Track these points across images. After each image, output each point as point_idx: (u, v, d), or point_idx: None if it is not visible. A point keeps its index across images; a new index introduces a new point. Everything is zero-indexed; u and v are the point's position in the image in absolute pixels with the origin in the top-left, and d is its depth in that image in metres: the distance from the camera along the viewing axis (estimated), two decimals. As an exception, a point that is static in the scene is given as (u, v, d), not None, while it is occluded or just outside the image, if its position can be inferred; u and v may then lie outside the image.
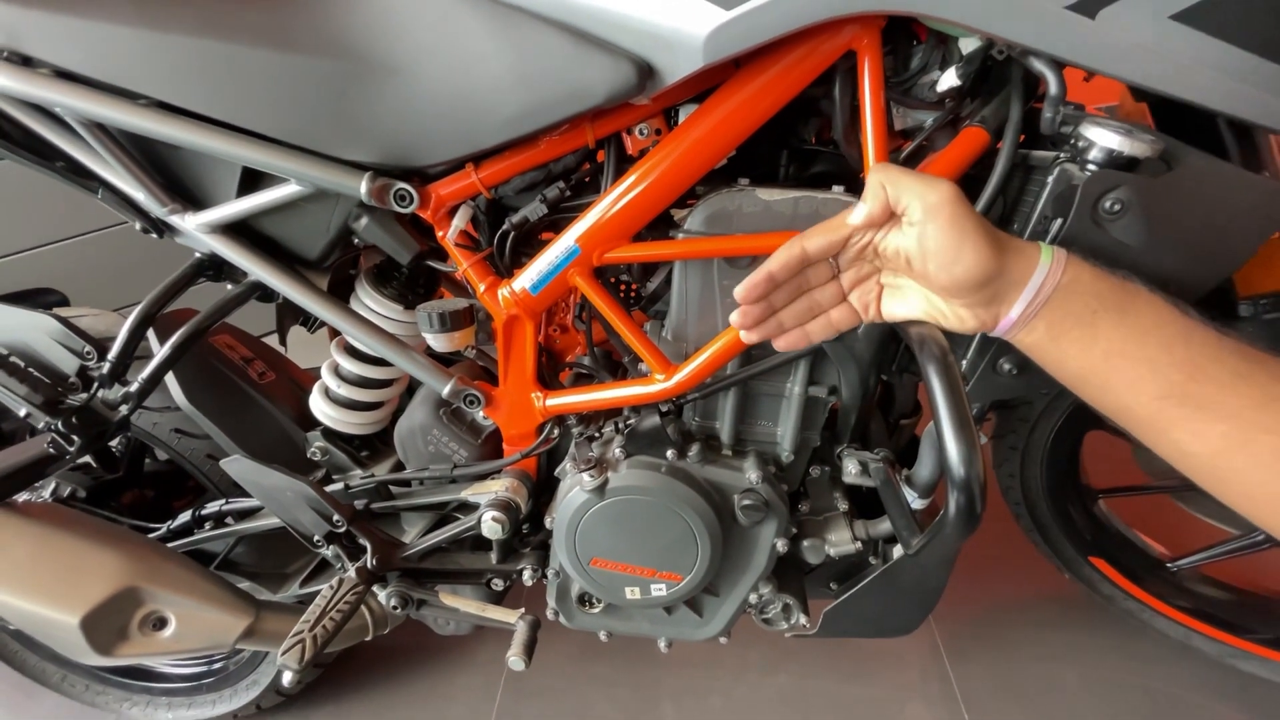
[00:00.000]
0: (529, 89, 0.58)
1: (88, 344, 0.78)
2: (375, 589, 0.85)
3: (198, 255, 0.76)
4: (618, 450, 0.72)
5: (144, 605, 0.78)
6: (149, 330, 0.77)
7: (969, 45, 0.56)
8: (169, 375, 0.80)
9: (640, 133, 0.65)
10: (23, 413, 0.75)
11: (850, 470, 0.74)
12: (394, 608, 0.86)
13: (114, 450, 0.93)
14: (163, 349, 0.74)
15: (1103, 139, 0.53)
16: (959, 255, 0.48)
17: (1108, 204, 0.55)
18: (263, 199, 0.67)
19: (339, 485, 0.85)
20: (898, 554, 0.72)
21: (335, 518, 0.78)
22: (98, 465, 0.86)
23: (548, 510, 0.77)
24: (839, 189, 0.62)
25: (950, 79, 0.58)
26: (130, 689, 1.11)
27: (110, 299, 1.02)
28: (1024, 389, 0.68)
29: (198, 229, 0.69)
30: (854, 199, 0.62)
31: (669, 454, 0.71)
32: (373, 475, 0.85)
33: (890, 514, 0.71)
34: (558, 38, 0.55)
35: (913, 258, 0.50)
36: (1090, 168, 0.55)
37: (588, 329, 0.77)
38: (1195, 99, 0.51)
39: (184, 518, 0.91)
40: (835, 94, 0.60)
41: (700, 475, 0.72)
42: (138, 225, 0.73)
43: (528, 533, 0.85)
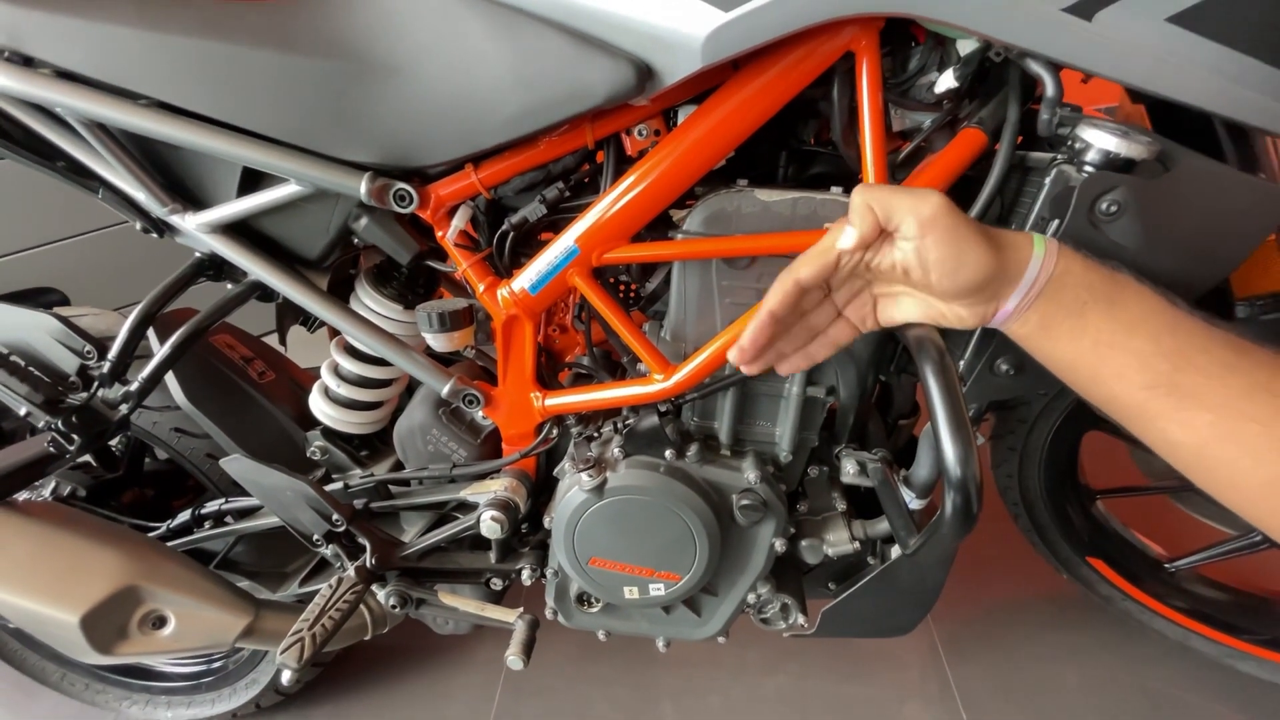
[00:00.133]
0: (528, 89, 0.58)
1: (88, 343, 0.78)
2: (374, 588, 0.85)
3: (198, 255, 0.76)
4: (616, 450, 0.72)
5: (143, 604, 0.78)
6: (149, 330, 0.77)
7: (967, 47, 0.57)
8: (169, 374, 0.80)
9: (639, 133, 0.65)
10: (23, 411, 0.75)
11: (848, 470, 0.74)
12: (393, 607, 0.86)
13: (114, 449, 0.94)
14: (163, 348, 0.74)
15: (1100, 140, 0.54)
16: (960, 263, 0.48)
17: (1104, 205, 0.55)
18: (263, 199, 0.67)
19: (338, 484, 0.85)
20: (896, 554, 0.72)
21: (334, 517, 0.78)
22: (98, 464, 0.87)
23: (546, 510, 0.77)
24: (837, 190, 0.62)
25: (948, 80, 0.58)
26: (130, 688, 1.11)
27: (110, 298, 1.02)
28: (1021, 389, 0.68)
29: (198, 229, 0.69)
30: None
31: (667, 454, 0.71)
32: (372, 475, 0.86)
33: (888, 514, 0.71)
34: (557, 38, 0.56)
35: (911, 270, 0.50)
36: (1087, 169, 0.55)
37: (587, 329, 0.77)
38: (1192, 101, 0.51)
39: (183, 517, 0.91)
40: (834, 95, 0.60)
41: (699, 475, 0.72)
42: (138, 225, 0.73)
43: (526, 532, 0.85)
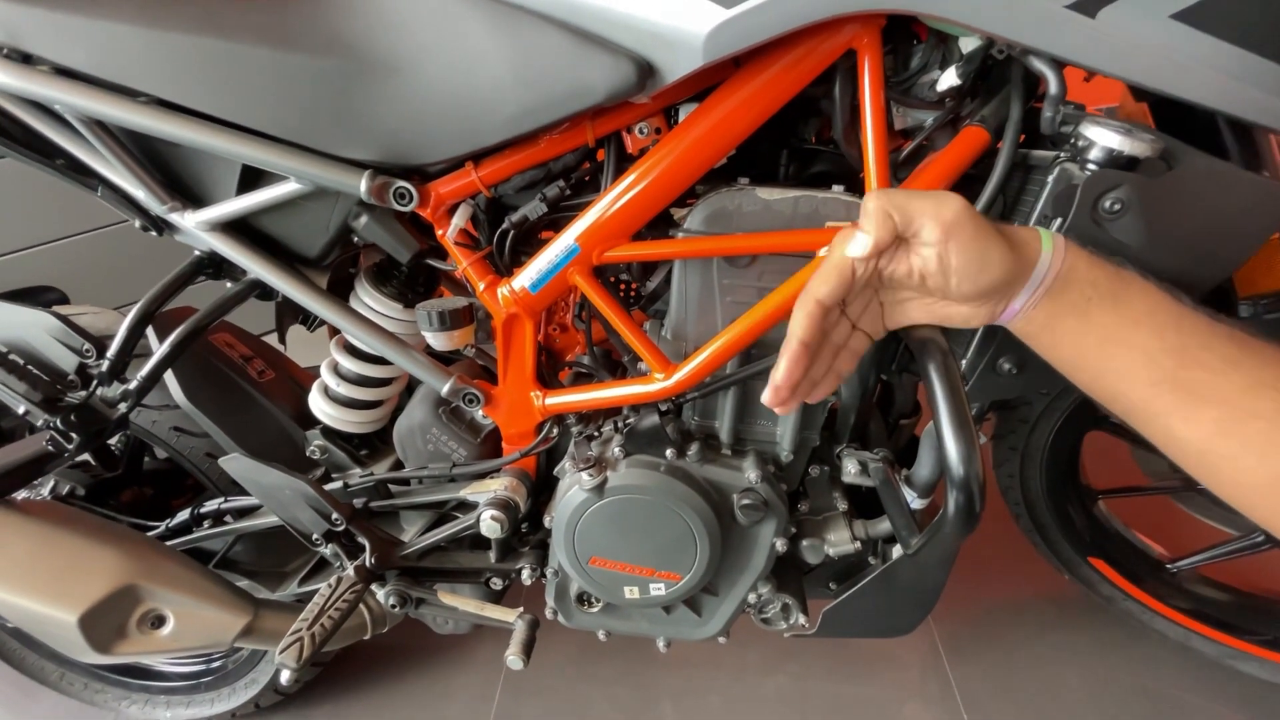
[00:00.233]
0: (529, 87, 0.58)
1: (87, 342, 0.78)
2: (374, 587, 0.85)
3: (197, 253, 0.76)
4: (617, 449, 0.72)
5: (142, 603, 0.78)
6: (148, 328, 0.77)
7: (969, 44, 0.56)
8: (168, 373, 0.80)
9: (640, 131, 0.65)
10: (21, 410, 0.75)
11: (850, 470, 0.73)
12: (392, 606, 0.86)
13: (113, 448, 0.93)
14: (162, 347, 0.74)
15: (1103, 138, 0.53)
16: (985, 265, 0.47)
17: (1107, 204, 0.55)
18: (262, 197, 0.67)
19: (338, 484, 0.85)
20: (897, 554, 0.72)
21: (334, 516, 0.78)
22: (96, 463, 0.86)
23: (547, 509, 0.77)
24: (839, 188, 0.62)
25: (950, 78, 0.58)
26: (129, 687, 1.11)
27: (110, 297, 1.02)
28: (1023, 389, 0.68)
29: (197, 227, 0.69)
30: (854, 198, 0.62)
31: (668, 453, 0.71)
32: (372, 474, 0.85)
33: (889, 514, 0.71)
34: (558, 36, 0.55)
35: (931, 275, 0.49)
36: (1090, 167, 0.55)
37: (587, 328, 0.77)
38: (1195, 98, 0.51)
39: (183, 516, 0.91)
40: (835, 93, 0.60)
41: (699, 474, 0.72)
42: (137, 223, 0.73)
43: (526, 532, 0.85)
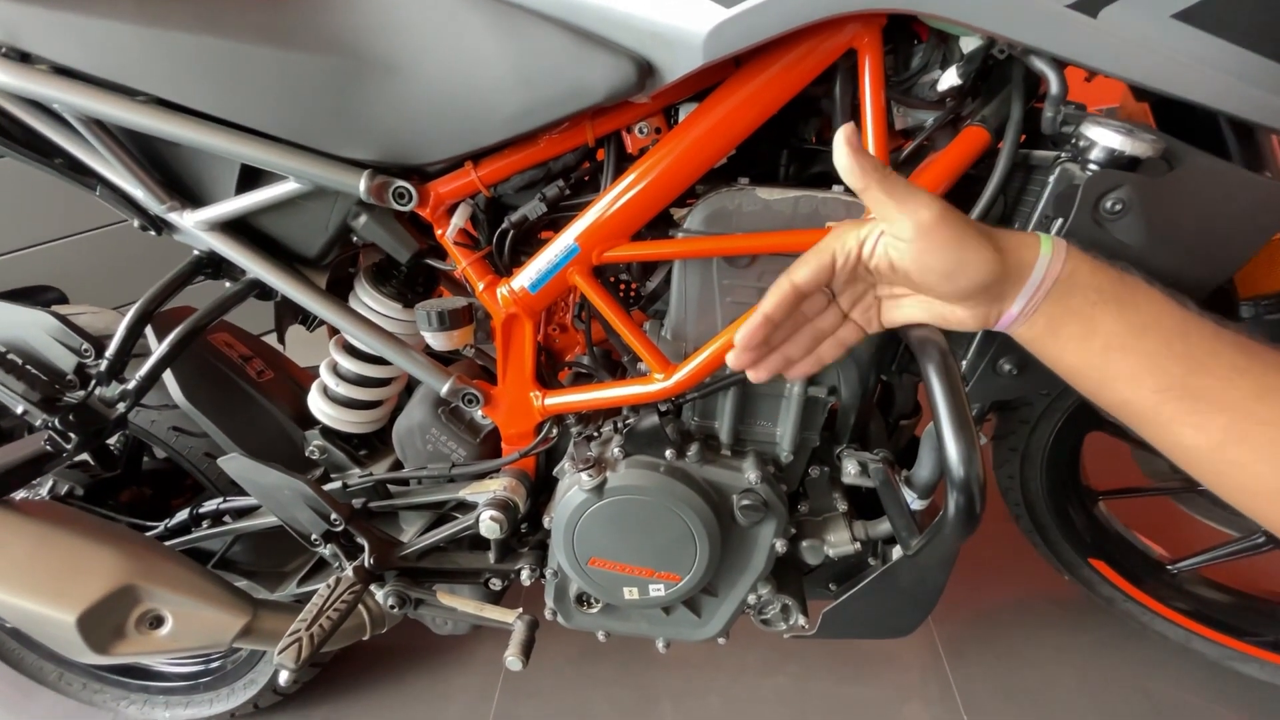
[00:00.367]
0: (529, 87, 0.57)
1: (85, 341, 0.77)
2: (373, 588, 0.85)
3: (196, 253, 0.76)
4: (616, 450, 0.72)
5: (141, 603, 0.78)
6: (147, 328, 0.77)
7: (970, 44, 0.56)
8: (167, 373, 0.80)
9: (640, 131, 0.64)
10: (20, 410, 0.75)
11: (849, 471, 0.73)
12: (391, 607, 0.86)
13: (112, 448, 0.93)
14: (161, 346, 0.74)
15: (1104, 138, 0.53)
16: (961, 267, 0.47)
17: (1109, 204, 0.55)
18: (261, 196, 0.67)
19: (337, 484, 0.85)
20: (897, 555, 0.72)
21: (333, 516, 0.77)
22: (95, 463, 0.87)
23: (546, 510, 0.76)
24: (839, 188, 0.62)
25: (951, 78, 0.58)
26: (127, 687, 1.11)
27: (109, 296, 1.02)
28: (1024, 389, 0.68)
29: (196, 226, 0.69)
30: (854, 199, 0.62)
31: (668, 454, 0.71)
32: (371, 474, 0.85)
33: (889, 515, 0.71)
34: (558, 36, 0.55)
35: (911, 274, 0.49)
36: (1091, 167, 0.55)
37: (587, 328, 0.77)
38: (1197, 98, 0.51)
39: (181, 516, 0.91)
40: (835, 93, 0.60)
41: (699, 475, 0.72)
42: (136, 223, 0.73)
43: (526, 532, 0.85)
